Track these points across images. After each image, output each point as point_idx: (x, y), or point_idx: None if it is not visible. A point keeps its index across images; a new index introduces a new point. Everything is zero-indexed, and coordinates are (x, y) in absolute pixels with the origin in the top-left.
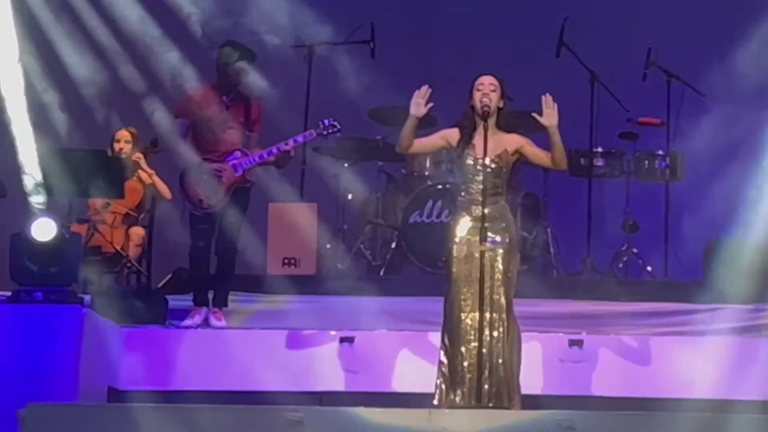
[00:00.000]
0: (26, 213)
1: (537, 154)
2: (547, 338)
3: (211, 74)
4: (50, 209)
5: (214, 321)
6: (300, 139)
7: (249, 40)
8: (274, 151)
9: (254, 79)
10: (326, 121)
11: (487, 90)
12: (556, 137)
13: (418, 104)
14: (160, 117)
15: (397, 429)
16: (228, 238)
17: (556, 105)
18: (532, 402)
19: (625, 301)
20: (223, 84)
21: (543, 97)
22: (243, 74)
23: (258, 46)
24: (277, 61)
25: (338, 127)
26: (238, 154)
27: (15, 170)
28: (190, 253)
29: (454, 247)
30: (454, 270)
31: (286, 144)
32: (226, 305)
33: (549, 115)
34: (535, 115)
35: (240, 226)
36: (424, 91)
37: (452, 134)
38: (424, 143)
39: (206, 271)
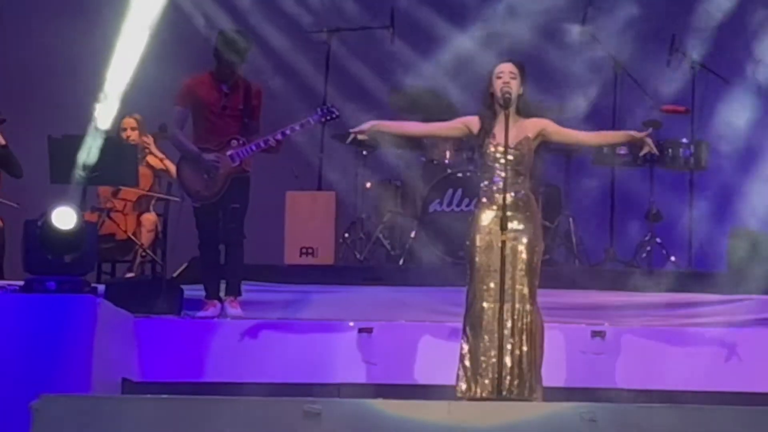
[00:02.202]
0: (27, 201)
1: (562, 132)
2: (568, 329)
3: (209, 61)
4: (67, 197)
5: (230, 309)
6: (297, 127)
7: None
8: (271, 140)
9: None
10: (324, 108)
11: (507, 78)
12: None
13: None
14: None
15: (416, 421)
16: (232, 227)
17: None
18: (553, 394)
19: (649, 292)
20: (222, 71)
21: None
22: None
23: (277, 32)
24: (296, 47)
25: (337, 113)
26: (234, 142)
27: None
28: (199, 246)
29: (477, 236)
30: (476, 259)
31: (283, 133)
32: (239, 293)
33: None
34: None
35: (243, 215)
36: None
37: (473, 122)
38: (442, 127)
39: (216, 262)
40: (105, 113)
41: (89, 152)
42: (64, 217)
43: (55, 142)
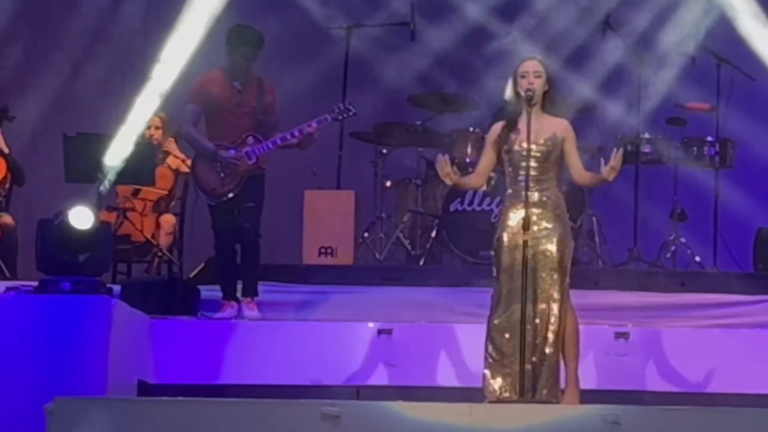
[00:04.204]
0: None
1: (571, 157)
2: (591, 330)
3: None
4: (81, 196)
5: (247, 311)
6: (314, 124)
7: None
8: (288, 137)
9: None
10: (341, 105)
11: (532, 78)
12: (597, 183)
13: (447, 175)
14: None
15: (436, 424)
16: (247, 226)
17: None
18: None
19: (673, 292)
20: (235, 68)
21: (616, 150)
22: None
23: (295, 28)
24: (314, 44)
25: (353, 110)
26: (251, 140)
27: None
28: (215, 246)
29: (504, 235)
30: (504, 259)
31: (300, 130)
32: (256, 294)
33: (611, 171)
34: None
35: (259, 214)
36: (443, 163)
37: (495, 130)
38: (485, 165)
39: (233, 262)
40: (143, 112)
41: (121, 151)
42: (81, 217)
43: (70, 141)
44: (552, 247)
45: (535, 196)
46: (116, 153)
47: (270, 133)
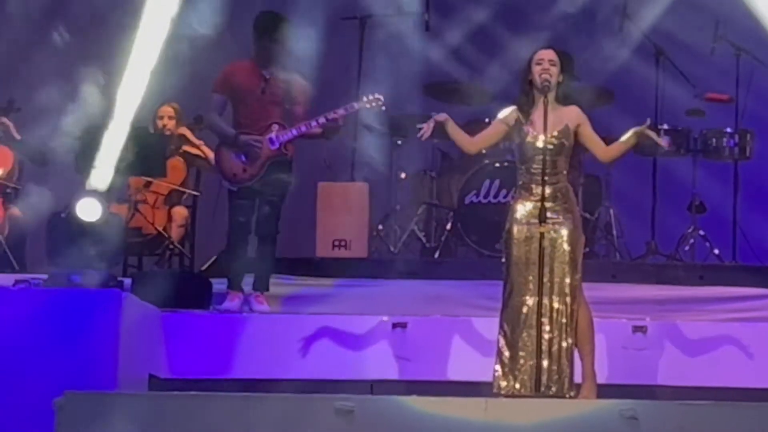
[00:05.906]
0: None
1: (592, 139)
2: (609, 324)
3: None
4: (90, 189)
5: (256, 305)
6: (341, 111)
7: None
8: (313, 124)
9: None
10: (370, 95)
11: (547, 65)
12: (624, 150)
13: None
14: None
15: (451, 419)
16: (267, 217)
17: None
18: None
19: (692, 286)
20: (261, 56)
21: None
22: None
23: (309, 17)
24: (328, 34)
25: (382, 101)
26: (275, 127)
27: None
28: (228, 231)
29: (515, 228)
30: (514, 252)
31: (326, 117)
32: (267, 289)
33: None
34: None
35: (280, 204)
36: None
37: (508, 115)
38: (487, 136)
39: (244, 252)
40: (129, 101)
41: (120, 139)
42: (88, 209)
43: (81, 131)
44: (563, 241)
45: (546, 189)
46: (120, 142)
47: (295, 123)
